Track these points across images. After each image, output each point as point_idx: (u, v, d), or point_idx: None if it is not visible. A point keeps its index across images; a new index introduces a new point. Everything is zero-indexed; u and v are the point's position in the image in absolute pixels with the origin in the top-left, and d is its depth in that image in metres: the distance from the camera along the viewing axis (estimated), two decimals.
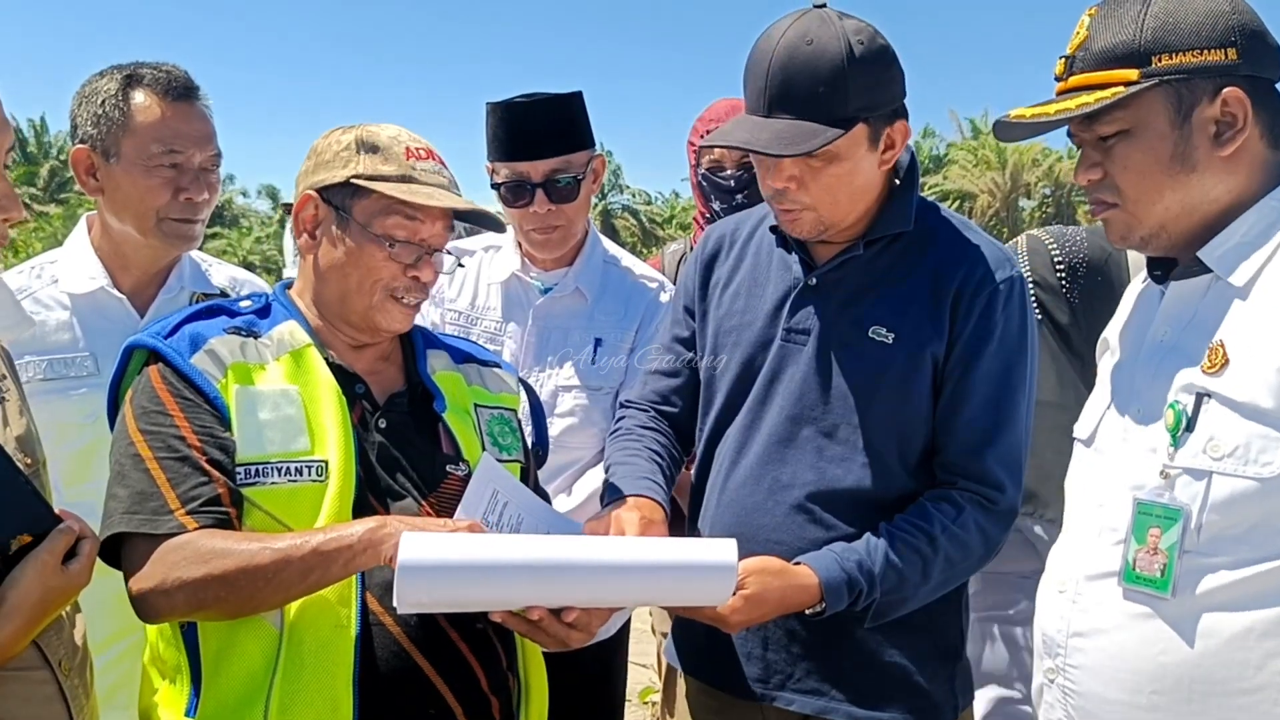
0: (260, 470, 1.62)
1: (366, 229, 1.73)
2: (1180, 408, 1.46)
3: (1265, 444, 1.38)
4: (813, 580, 1.76)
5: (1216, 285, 1.51)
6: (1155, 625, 1.47)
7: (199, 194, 2.21)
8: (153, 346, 1.69)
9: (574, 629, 1.59)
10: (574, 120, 2.51)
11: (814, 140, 1.74)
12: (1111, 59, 1.50)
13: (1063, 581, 1.60)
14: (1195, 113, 1.47)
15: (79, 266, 2.26)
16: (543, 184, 2.45)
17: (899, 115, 1.84)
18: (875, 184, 1.87)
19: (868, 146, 1.81)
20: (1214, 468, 1.42)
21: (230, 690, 1.58)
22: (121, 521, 1.58)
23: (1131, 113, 1.49)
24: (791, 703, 1.89)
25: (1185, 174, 1.49)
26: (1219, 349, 1.44)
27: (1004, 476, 1.85)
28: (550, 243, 2.53)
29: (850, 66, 1.74)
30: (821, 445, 1.87)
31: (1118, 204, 1.55)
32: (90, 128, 2.18)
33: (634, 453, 2.02)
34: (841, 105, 1.75)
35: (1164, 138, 1.49)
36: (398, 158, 1.74)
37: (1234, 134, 1.47)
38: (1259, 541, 1.40)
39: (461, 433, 1.81)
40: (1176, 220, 1.53)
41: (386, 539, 1.52)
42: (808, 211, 1.84)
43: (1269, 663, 1.39)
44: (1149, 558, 1.47)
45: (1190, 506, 1.43)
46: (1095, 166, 1.56)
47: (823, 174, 1.80)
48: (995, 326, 1.85)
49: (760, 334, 1.96)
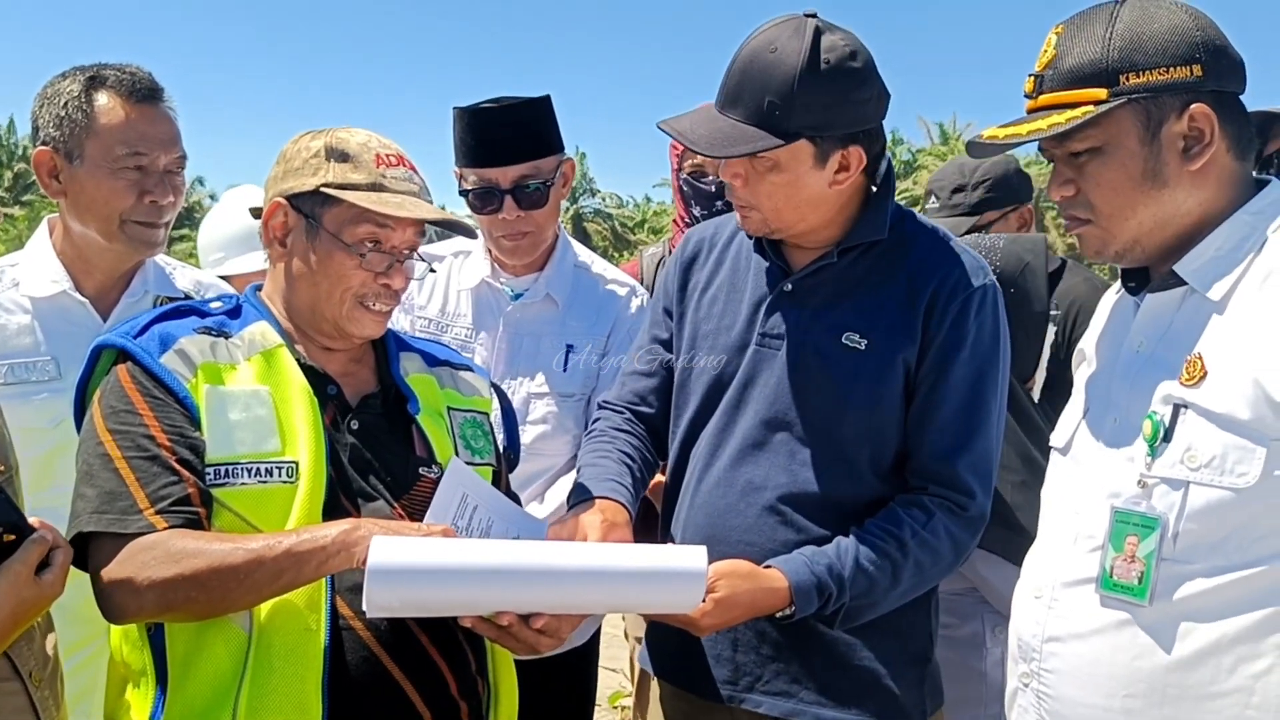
0: (230, 471, 1.60)
1: (337, 238, 1.72)
2: (1158, 418, 1.48)
3: (1241, 454, 1.40)
4: (783, 583, 1.77)
5: (1192, 298, 1.52)
6: (1131, 631, 1.48)
7: (164, 197, 2.19)
8: (121, 346, 1.67)
9: (544, 635, 1.59)
10: (542, 125, 2.48)
11: (743, 146, 1.77)
12: (1080, 78, 1.51)
13: (1039, 587, 1.61)
14: (1164, 129, 1.49)
15: (41, 270, 2.23)
16: (511, 190, 2.43)
17: (855, 140, 1.82)
18: (827, 200, 1.87)
19: (812, 164, 1.81)
20: (1191, 477, 1.43)
21: (197, 694, 1.56)
22: (90, 521, 1.56)
23: (1102, 130, 1.51)
24: (760, 704, 1.89)
25: (1157, 189, 1.51)
26: (1197, 361, 1.46)
27: (974, 483, 1.87)
28: (520, 249, 2.52)
29: (802, 83, 1.74)
30: (794, 449, 1.88)
31: (1091, 220, 1.57)
32: (53, 129, 2.15)
33: (604, 454, 2.02)
34: (785, 119, 1.76)
35: (1134, 155, 1.50)
36: (367, 165, 1.72)
37: (1202, 148, 1.49)
38: (1234, 550, 1.42)
39: (435, 435, 1.81)
40: (1150, 235, 1.54)
41: (360, 541, 1.52)
42: (754, 211, 1.88)
43: (1240, 667, 1.42)
44: (1126, 565, 1.48)
45: (1167, 515, 1.45)
46: (1068, 183, 1.57)
47: (764, 179, 1.82)
48: (968, 334, 1.86)
49: (736, 338, 1.96)
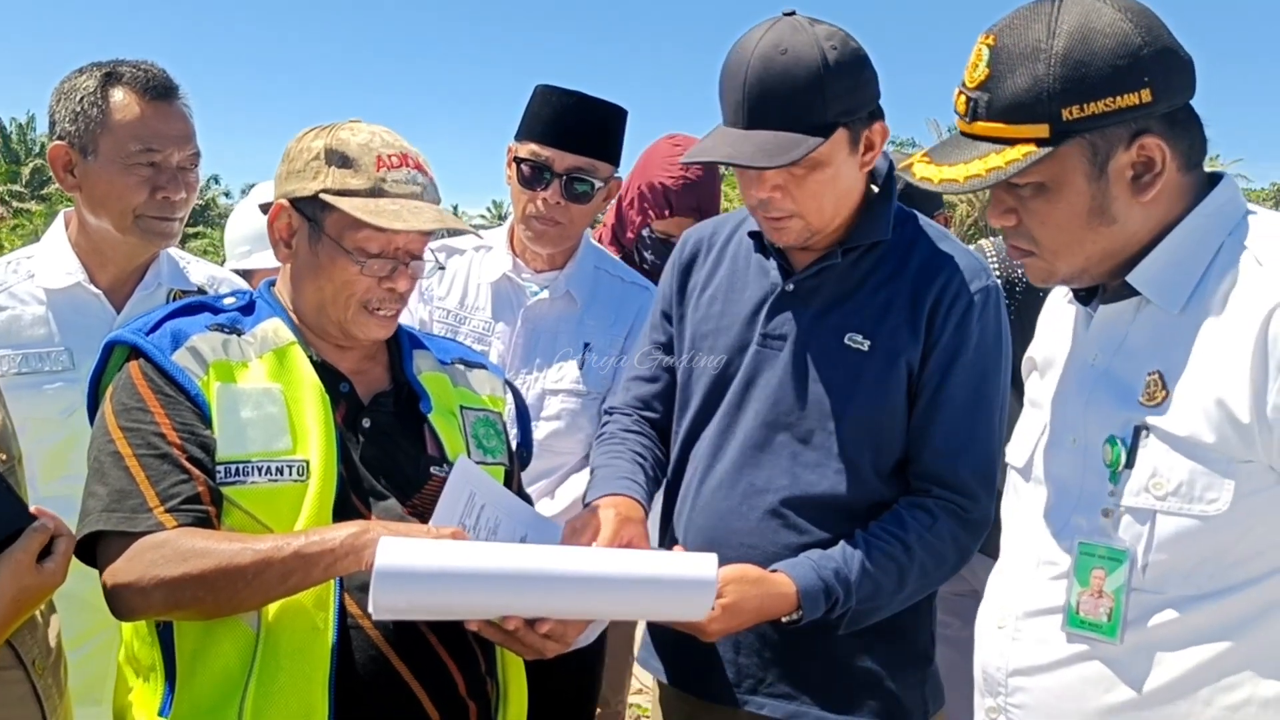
0: (241, 469, 1.60)
1: (338, 243, 1.70)
2: (1119, 441, 1.40)
3: (1209, 480, 1.33)
4: (790, 588, 1.76)
5: (1147, 308, 1.44)
6: (1099, 663, 1.41)
7: (176, 193, 2.20)
8: (134, 343, 1.67)
9: (549, 639, 1.59)
10: (614, 131, 2.53)
11: (797, 150, 1.75)
12: (1018, 112, 1.37)
13: (1002, 617, 1.53)
14: (1111, 162, 1.38)
15: (56, 262, 2.25)
16: (562, 176, 2.44)
17: (876, 116, 1.85)
18: (857, 186, 1.88)
19: (849, 150, 1.82)
20: (1158, 506, 1.36)
21: (205, 691, 1.57)
22: (99, 520, 1.56)
23: (1045, 168, 1.38)
24: (763, 707, 1.90)
25: (1106, 225, 1.41)
26: (1157, 380, 1.38)
27: (977, 486, 1.86)
28: (548, 236, 2.50)
29: (827, 73, 1.74)
30: (796, 451, 1.88)
31: (1035, 253, 1.46)
32: (68, 125, 2.17)
33: (616, 454, 2.02)
34: (821, 112, 1.75)
35: (1081, 192, 1.39)
36: (367, 169, 1.69)
37: (1153, 178, 1.38)
38: (1205, 578, 1.35)
39: (447, 434, 1.80)
40: (1099, 264, 1.45)
41: (369, 544, 1.50)
42: (795, 219, 1.85)
43: (1216, 698, 1.35)
44: (1093, 601, 1.41)
45: (1135, 547, 1.38)
46: (1010, 212, 1.46)
47: (806, 181, 1.80)
48: (971, 336, 1.86)
49: (737, 339, 1.96)
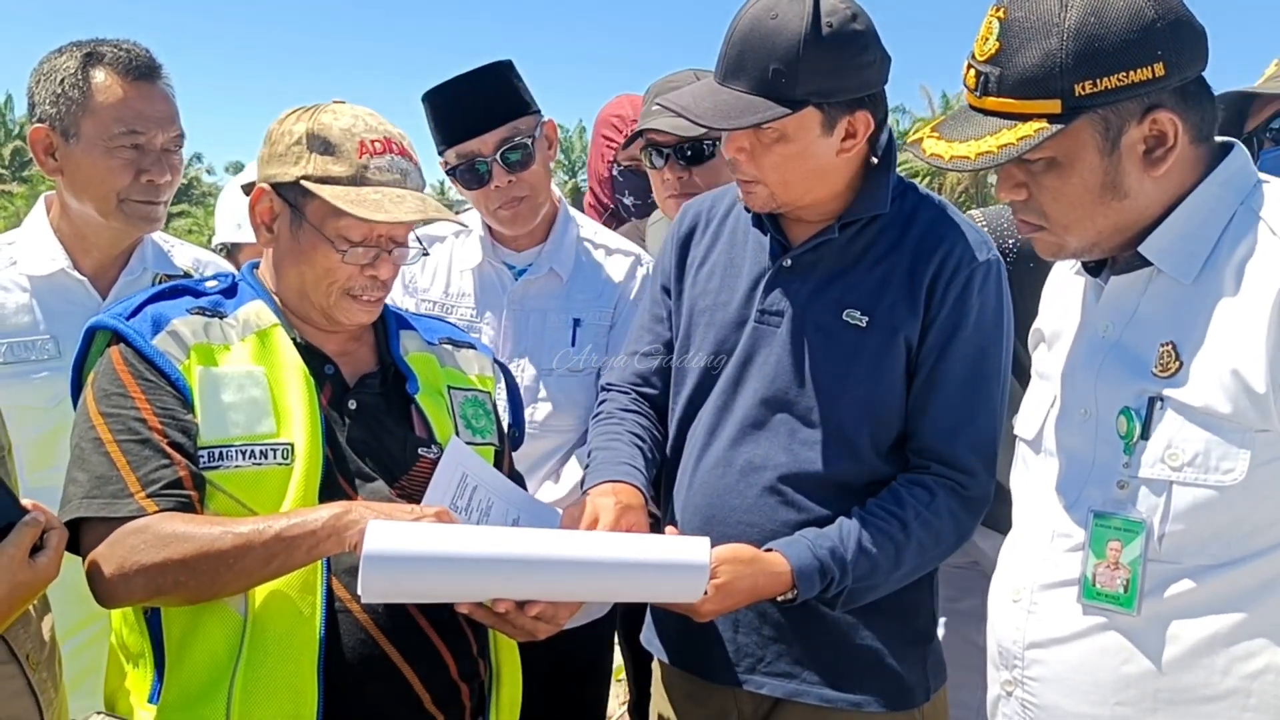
0: (223, 453, 1.59)
1: (320, 231, 1.68)
2: (1133, 413, 1.40)
3: (1225, 450, 1.33)
4: (785, 567, 1.75)
5: (1159, 279, 1.44)
6: (1117, 634, 1.41)
7: (161, 175, 2.17)
8: (114, 328, 1.66)
9: (540, 621, 1.58)
10: (509, 87, 2.45)
11: (751, 116, 1.73)
12: (1030, 87, 1.37)
13: (1016, 590, 1.53)
14: (1123, 137, 1.38)
15: (38, 248, 2.22)
16: (495, 156, 2.40)
17: (862, 105, 1.80)
18: (835, 169, 1.84)
19: (820, 132, 1.78)
20: (1174, 478, 1.36)
21: (193, 677, 1.56)
22: (81, 506, 1.55)
23: (1057, 144, 1.38)
24: (763, 686, 1.88)
25: (1117, 200, 1.41)
26: (1170, 351, 1.38)
27: (976, 462, 1.84)
28: (519, 216, 2.47)
29: (807, 48, 1.71)
30: (794, 428, 1.86)
31: (1045, 228, 1.47)
32: (49, 107, 2.13)
33: (614, 436, 1.99)
34: (791, 86, 1.72)
35: (1093, 168, 1.39)
36: (349, 156, 1.67)
37: (1165, 152, 1.38)
38: (1222, 548, 1.35)
39: (434, 415, 1.79)
40: (1110, 238, 1.45)
41: (351, 525, 1.50)
42: (759, 186, 1.83)
43: (1234, 668, 1.36)
44: (1110, 573, 1.41)
45: (1151, 519, 1.38)
46: (1019, 187, 1.45)
47: (770, 152, 1.79)
48: (970, 310, 1.84)
49: (734, 315, 1.94)
